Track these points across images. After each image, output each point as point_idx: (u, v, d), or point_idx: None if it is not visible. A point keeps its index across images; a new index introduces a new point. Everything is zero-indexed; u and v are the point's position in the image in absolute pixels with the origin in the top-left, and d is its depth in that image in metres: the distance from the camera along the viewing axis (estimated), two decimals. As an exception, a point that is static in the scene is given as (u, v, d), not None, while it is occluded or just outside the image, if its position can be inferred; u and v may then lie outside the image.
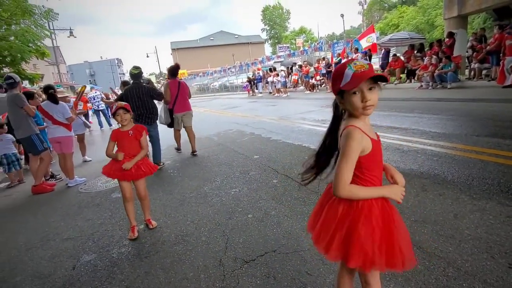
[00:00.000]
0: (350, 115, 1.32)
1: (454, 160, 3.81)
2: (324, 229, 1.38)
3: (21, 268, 2.72)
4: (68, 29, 24.61)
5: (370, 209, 1.30)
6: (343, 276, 1.54)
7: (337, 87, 1.27)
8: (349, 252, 1.29)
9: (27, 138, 4.86)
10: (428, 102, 8.35)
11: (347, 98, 1.28)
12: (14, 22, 10.26)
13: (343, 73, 1.24)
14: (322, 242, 1.37)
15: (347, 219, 1.31)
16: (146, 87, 5.24)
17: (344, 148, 1.25)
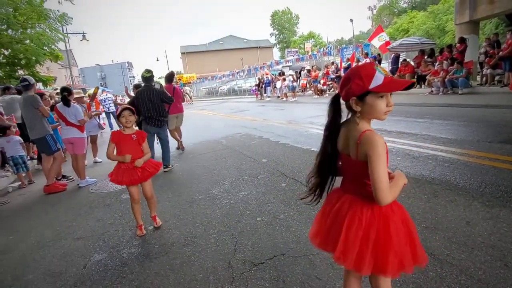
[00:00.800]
0: (354, 119, 1.30)
1: (466, 167, 3.75)
2: (349, 244, 1.28)
3: (34, 266, 2.77)
4: (81, 33, 25.12)
5: (393, 213, 1.29)
6: (350, 281, 1.52)
7: (363, 88, 1.22)
8: (385, 262, 1.25)
9: (42, 138, 4.97)
10: (439, 108, 8.26)
11: (370, 101, 1.23)
12: (29, 26, 10.53)
13: (373, 75, 1.20)
14: (349, 258, 1.27)
15: (373, 228, 1.26)
16: (157, 90, 5.31)
17: (375, 154, 1.18)
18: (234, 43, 58.92)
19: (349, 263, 1.28)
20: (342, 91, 1.31)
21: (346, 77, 1.30)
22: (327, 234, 1.40)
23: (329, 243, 1.38)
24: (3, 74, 10.88)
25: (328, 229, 1.40)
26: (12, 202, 4.80)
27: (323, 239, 1.43)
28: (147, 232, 3.12)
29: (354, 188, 1.35)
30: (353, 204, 1.33)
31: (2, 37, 10.02)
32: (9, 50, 10.40)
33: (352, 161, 1.30)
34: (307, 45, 47.28)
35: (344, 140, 1.35)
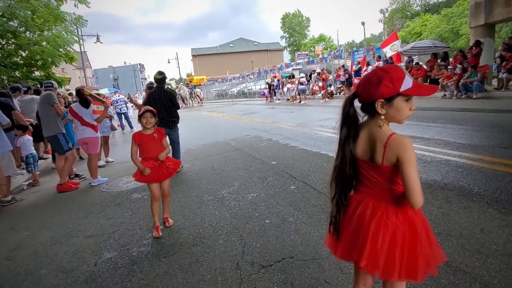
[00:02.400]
0: (376, 122, 1.27)
1: (480, 172, 3.67)
2: (377, 251, 1.24)
3: (46, 262, 2.83)
4: (95, 35, 25.68)
5: (416, 216, 1.29)
6: (360, 286, 1.48)
7: (393, 90, 1.20)
8: (414, 267, 1.24)
9: (54, 136, 5.08)
10: (453, 112, 8.10)
11: (397, 104, 1.22)
12: (46, 28, 10.80)
13: (404, 77, 1.20)
14: (378, 265, 1.25)
15: (400, 233, 1.24)
16: (169, 92, 5.38)
17: (409, 157, 1.17)
18: (244, 45, 59.17)
19: (378, 271, 1.25)
20: (364, 91, 1.26)
21: (373, 78, 1.23)
22: (350, 243, 1.34)
23: (353, 252, 1.32)
24: (21, 74, 11.17)
25: (351, 238, 1.34)
26: (27, 199, 4.92)
27: (346, 249, 1.36)
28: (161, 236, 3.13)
29: (376, 194, 1.31)
30: (376, 209, 1.28)
31: (20, 39, 10.31)
32: (27, 51, 10.69)
33: (376, 166, 1.27)
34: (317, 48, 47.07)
35: (365, 145, 1.30)
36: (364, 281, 1.47)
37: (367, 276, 1.46)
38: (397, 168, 1.22)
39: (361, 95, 1.28)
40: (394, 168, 1.24)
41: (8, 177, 4.83)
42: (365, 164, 1.31)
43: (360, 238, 1.29)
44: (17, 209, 4.52)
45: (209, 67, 52.84)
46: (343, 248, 1.37)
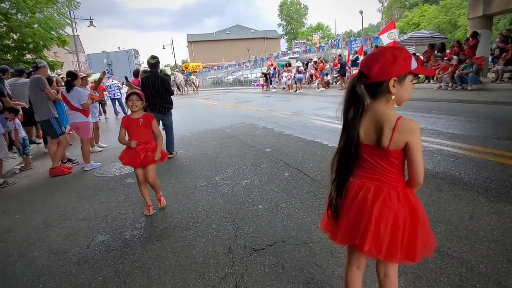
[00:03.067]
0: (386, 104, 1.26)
1: (471, 162, 3.71)
2: (380, 235, 1.26)
3: (38, 244, 2.83)
4: (88, 18, 25.06)
5: (415, 199, 1.31)
6: (353, 272, 1.50)
7: (406, 68, 1.21)
8: (413, 248, 1.27)
9: (46, 121, 5.01)
10: (447, 103, 8.14)
11: (407, 83, 1.23)
12: (38, 10, 10.49)
13: (411, 56, 1.22)
14: (382, 248, 1.26)
15: (402, 216, 1.26)
16: (162, 77, 5.30)
17: (418, 139, 1.19)
18: (241, 33, 58.38)
19: (382, 254, 1.26)
20: (378, 69, 1.21)
21: (388, 55, 1.20)
22: (351, 227, 1.33)
23: (355, 236, 1.31)
24: (12, 57, 10.91)
25: (352, 223, 1.32)
26: (19, 183, 4.88)
27: (347, 233, 1.35)
28: (150, 216, 3.15)
29: (377, 178, 1.30)
30: (378, 193, 1.27)
31: (11, 21, 10.01)
32: (18, 34, 10.41)
33: (380, 150, 1.25)
34: (314, 36, 46.57)
35: (369, 128, 1.27)
36: (358, 263, 1.48)
37: (361, 258, 1.47)
38: (402, 152, 1.23)
39: (372, 74, 1.22)
40: (399, 152, 1.23)
41: (0, 161, 4.77)
42: (368, 148, 1.29)
43: (363, 222, 1.28)
44: (9, 193, 4.49)
45: (205, 54, 52.18)
46: (344, 233, 1.36)
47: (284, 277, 2.04)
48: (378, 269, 1.46)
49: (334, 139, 5.42)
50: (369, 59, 1.25)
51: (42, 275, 2.35)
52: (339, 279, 1.96)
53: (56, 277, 2.30)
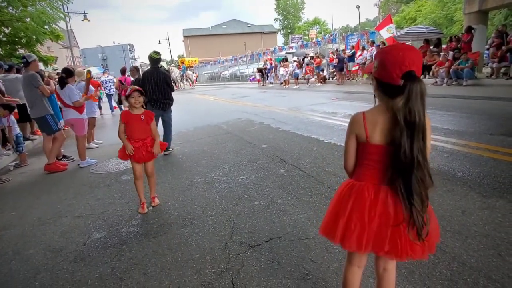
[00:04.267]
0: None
1: (465, 158, 3.75)
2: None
3: (34, 242, 2.83)
4: (82, 12, 24.71)
5: None
6: (353, 270, 1.49)
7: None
8: (433, 242, 1.32)
9: (42, 118, 4.96)
10: (442, 99, 8.19)
11: None
12: (30, 4, 10.34)
13: None
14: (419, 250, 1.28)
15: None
16: (164, 73, 5.27)
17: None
18: (237, 27, 57.94)
19: (417, 253, 1.28)
20: (420, 67, 1.20)
21: (419, 53, 1.24)
22: (377, 234, 1.28)
23: (383, 243, 1.28)
24: (4, 52, 10.77)
25: (379, 229, 1.28)
26: (14, 180, 4.85)
27: (374, 240, 1.29)
28: (147, 213, 3.16)
29: (386, 177, 1.29)
30: (396, 195, 1.27)
31: (2, 14, 9.86)
32: (10, 28, 10.26)
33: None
34: (311, 31, 46.41)
35: (388, 129, 1.24)
36: (360, 262, 1.48)
37: (363, 258, 1.47)
38: None
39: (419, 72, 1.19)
40: None
41: (-6, 158, 4.73)
42: (383, 149, 1.27)
43: (389, 227, 1.26)
44: (3, 190, 4.46)
45: (201, 48, 51.75)
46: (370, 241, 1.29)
47: (279, 272, 2.07)
48: (377, 263, 1.47)
49: (330, 135, 5.45)
50: (418, 57, 1.22)
51: (38, 272, 2.35)
52: (334, 275, 1.99)
53: (52, 275, 2.30)
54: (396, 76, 1.17)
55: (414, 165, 1.16)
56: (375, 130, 1.26)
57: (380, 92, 1.28)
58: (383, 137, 1.25)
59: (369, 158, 1.32)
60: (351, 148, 1.36)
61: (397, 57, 1.17)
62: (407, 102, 1.14)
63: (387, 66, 1.19)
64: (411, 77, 1.15)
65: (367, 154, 1.32)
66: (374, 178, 1.31)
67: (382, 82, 1.24)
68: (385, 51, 1.24)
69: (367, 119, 1.28)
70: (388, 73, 1.19)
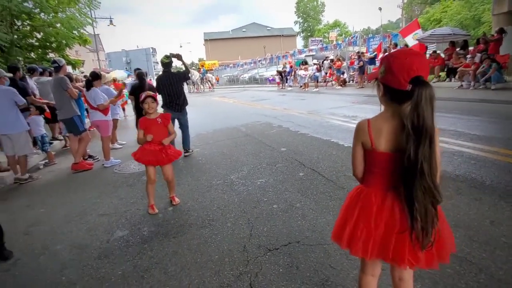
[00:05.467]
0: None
1: (494, 165, 3.59)
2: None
3: (61, 238, 2.96)
4: (108, 17, 25.67)
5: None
6: (368, 279, 1.47)
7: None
8: (446, 253, 1.29)
9: (69, 119, 5.20)
10: (469, 103, 7.88)
11: None
12: (60, 10, 10.86)
13: None
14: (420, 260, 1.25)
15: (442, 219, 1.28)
16: (176, 74, 5.41)
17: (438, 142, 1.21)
18: (257, 30, 58.27)
19: (422, 262, 1.26)
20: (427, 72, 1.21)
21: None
22: (383, 240, 1.28)
23: (387, 251, 1.27)
24: (36, 56, 11.34)
25: (384, 235, 1.27)
26: (43, 178, 5.09)
27: (380, 246, 1.29)
28: (167, 213, 3.24)
29: (392, 185, 1.28)
30: (402, 202, 1.25)
31: (35, 20, 10.41)
32: (42, 33, 10.81)
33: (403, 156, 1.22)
34: (331, 34, 45.94)
35: (395, 137, 1.23)
36: (373, 271, 1.46)
37: (376, 266, 1.46)
38: None
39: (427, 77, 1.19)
40: None
41: (25, 156, 4.98)
42: (390, 156, 1.26)
43: (394, 234, 1.25)
44: (33, 187, 4.69)
45: (221, 52, 52.43)
46: (376, 247, 1.29)
47: (298, 277, 2.06)
48: (392, 273, 1.45)
49: (350, 139, 5.33)
50: (426, 62, 1.22)
51: (65, 268, 2.46)
52: (354, 282, 1.96)
53: (78, 270, 2.40)
54: (404, 81, 1.15)
55: (418, 172, 1.14)
56: (381, 138, 1.25)
57: (386, 98, 1.27)
58: (389, 145, 1.24)
59: (375, 165, 1.32)
60: (358, 156, 1.37)
61: (404, 62, 1.16)
62: (416, 107, 1.12)
63: (394, 71, 1.18)
64: (419, 82, 1.13)
65: (373, 161, 1.32)
66: (381, 185, 1.31)
67: (389, 87, 1.22)
68: (392, 56, 1.22)
69: (372, 127, 1.28)
70: (395, 78, 1.18)
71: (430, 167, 1.14)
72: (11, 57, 9.27)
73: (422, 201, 1.16)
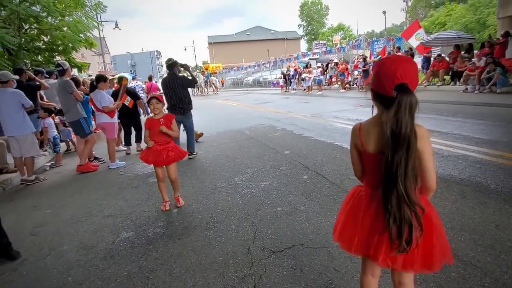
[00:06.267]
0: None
1: (499, 169, 3.58)
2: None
3: (68, 238, 2.99)
4: (113, 21, 25.95)
5: (432, 211, 1.33)
6: (368, 279, 1.50)
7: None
8: (432, 259, 1.29)
9: (76, 121, 5.26)
10: (473, 107, 7.84)
11: None
12: (67, 14, 10.99)
13: None
14: (397, 261, 1.28)
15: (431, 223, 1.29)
16: (181, 79, 5.44)
17: (430, 145, 1.24)
18: (261, 34, 58.50)
19: (398, 264, 1.28)
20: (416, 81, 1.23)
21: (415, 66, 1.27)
22: (367, 238, 1.33)
23: (369, 247, 1.32)
24: (43, 59, 11.48)
25: (367, 233, 1.32)
26: (50, 179, 5.15)
27: (363, 243, 1.35)
28: (172, 214, 3.27)
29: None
30: None
31: (42, 24, 10.55)
32: (49, 36, 10.95)
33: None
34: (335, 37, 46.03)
35: (381, 140, 1.26)
36: (372, 271, 1.49)
37: (375, 267, 1.48)
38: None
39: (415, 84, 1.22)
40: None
41: (32, 158, 5.05)
42: (376, 158, 1.30)
43: (377, 233, 1.29)
44: (40, 188, 4.75)
45: (225, 55, 52.67)
46: (360, 243, 1.35)
47: (302, 280, 2.07)
48: (393, 276, 1.46)
49: (354, 143, 5.36)
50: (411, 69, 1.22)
51: (71, 268, 2.49)
52: (358, 285, 1.96)
53: (84, 271, 2.43)
54: (389, 88, 1.19)
55: (392, 177, 1.18)
56: (369, 140, 1.32)
57: (376, 103, 1.32)
58: (376, 147, 1.30)
59: (366, 166, 1.40)
60: (354, 157, 1.45)
61: (389, 69, 1.20)
62: (396, 113, 1.16)
63: (381, 78, 1.22)
64: (402, 89, 1.17)
65: (364, 162, 1.40)
66: (371, 185, 1.37)
67: (378, 93, 1.26)
68: (380, 64, 1.26)
69: (362, 130, 1.35)
70: (382, 85, 1.22)
71: (405, 174, 1.17)
72: (19, 60, 9.39)
73: (396, 206, 1.19)
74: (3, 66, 7.66)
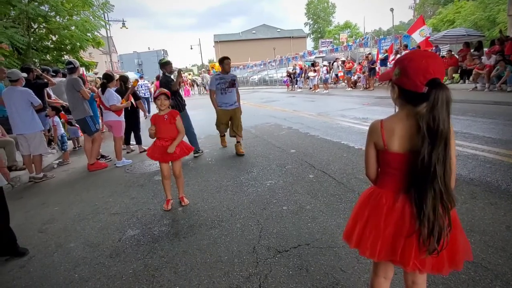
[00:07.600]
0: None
1: (510, 168, 3.50)
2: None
3: (75, 236, 3.01)
4: (121, 20, 26.11)
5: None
6: (380, 281, 1.46)
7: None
8: (460, 257, 1.27)
9: (82, 119, 5.30)
10: (483, 105, 7.70)
11: None
12: (75, 13, 11.09)
13: None
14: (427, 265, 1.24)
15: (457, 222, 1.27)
16: (165, 77, 5.41)
17: (454, 142, 1.19)
18: (267, 32, 58.32)
19: (428, 268, 1.24)
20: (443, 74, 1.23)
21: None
22: (392, 242, 1.27)
23: (395, 252, 1.26)
24: (51, 58, 11.62)
25: (393, 238, 1.26)
26: (57, 177, 5.20)
27: (389, 248, 1.28)
28: (177, 213, 3.27)
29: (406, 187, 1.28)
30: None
31: (51, 23, 10.66)
32: (57, 36, 11.06)
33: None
34: (342, 35, 45.61)
35: (410, 137, 1.21)
36: (385, 273, 1.45)
37: (388, 268, 1.44)
38: None
39: (442, 78, 1.18)
40: None
41: (40, 156, 5.10)
42: (402, 157, 1.24)
43: (402, 237, 1.23)
44: (48, 186, 4.80)
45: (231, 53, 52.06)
46: (385, 249, 1.28)
47: (308, 280, 2.04)
48: (405, 276, 1.43)
49: (361, 141, 5.31)
50: (441, 65, 1.20)
51: (78, 265, 2.50)
52: (364, 286, 1.93)
53: (90, 268, 2.44)
54: (420, 84, 1.14)
55: (430, 175, 1.12)
56: (393, 138, 1.24)
57: (401, 100, 1.26)
58: (402, 145, 1.23)
59: (388, 166, 1.31)
60: (371, 156, 1.36)
61: (420, 65, 1.15)
62: (431, 109, 1.11)
63: (410, 74, 1.16)
64: (436, 84, 1.12)
65: (386, 162, 1.31)
66: (393, 186, 1.29)
67: (404, 89, 1.21)
68: (408, 59, 1.21)
69: (384, 127, 1.27)
70: (411, 80, 1.16)
71: (444, 171, 1.13)
72: (28, 59, 9.51)
73: (431, 206, 1.14)
74: (13, 65, 7.76)
